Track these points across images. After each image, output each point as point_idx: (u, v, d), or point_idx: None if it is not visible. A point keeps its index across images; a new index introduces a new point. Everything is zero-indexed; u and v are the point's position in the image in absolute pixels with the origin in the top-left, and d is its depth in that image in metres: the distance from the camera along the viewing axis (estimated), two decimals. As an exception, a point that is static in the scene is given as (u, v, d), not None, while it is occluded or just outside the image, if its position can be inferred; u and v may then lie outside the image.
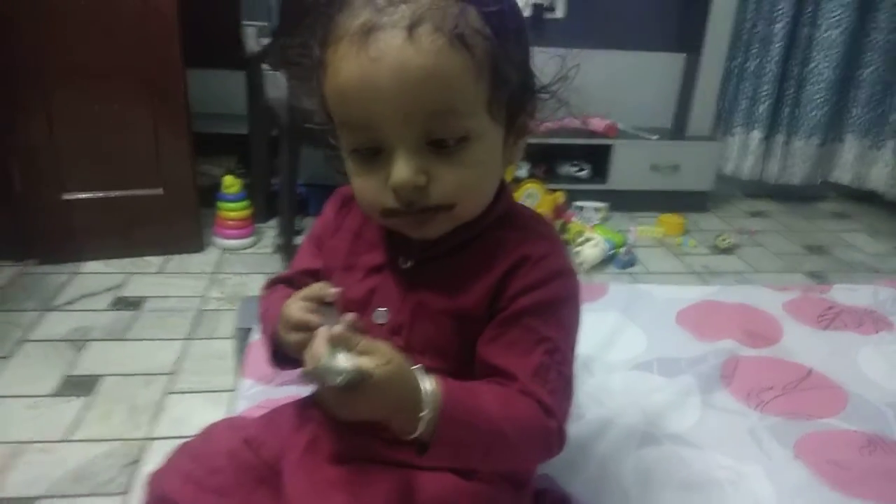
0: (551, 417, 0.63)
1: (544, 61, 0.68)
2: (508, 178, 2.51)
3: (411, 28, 0.56)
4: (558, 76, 0.67)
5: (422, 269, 0.69)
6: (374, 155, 0.61)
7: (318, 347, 0.56)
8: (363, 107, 0.58)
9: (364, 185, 0.63)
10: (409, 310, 0.69)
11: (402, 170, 0.59)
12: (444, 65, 0.57)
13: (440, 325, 0.67)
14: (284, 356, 0.71)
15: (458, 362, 0.68)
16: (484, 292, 0.66)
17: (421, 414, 0.58)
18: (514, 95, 0.63)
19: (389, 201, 0.61)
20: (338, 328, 0.57)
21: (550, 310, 0.66)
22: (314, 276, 0.78)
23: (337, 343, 0.56)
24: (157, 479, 0.77)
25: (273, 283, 0.81)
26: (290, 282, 0.79)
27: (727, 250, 2.64)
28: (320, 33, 0.62)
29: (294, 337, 0.65)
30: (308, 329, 0.62)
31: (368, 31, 0.57)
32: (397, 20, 0.56)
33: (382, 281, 0.70)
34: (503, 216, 0.69)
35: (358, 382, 0.54)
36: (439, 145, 0.60)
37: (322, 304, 0.65)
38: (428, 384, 0.59)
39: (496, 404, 0.62)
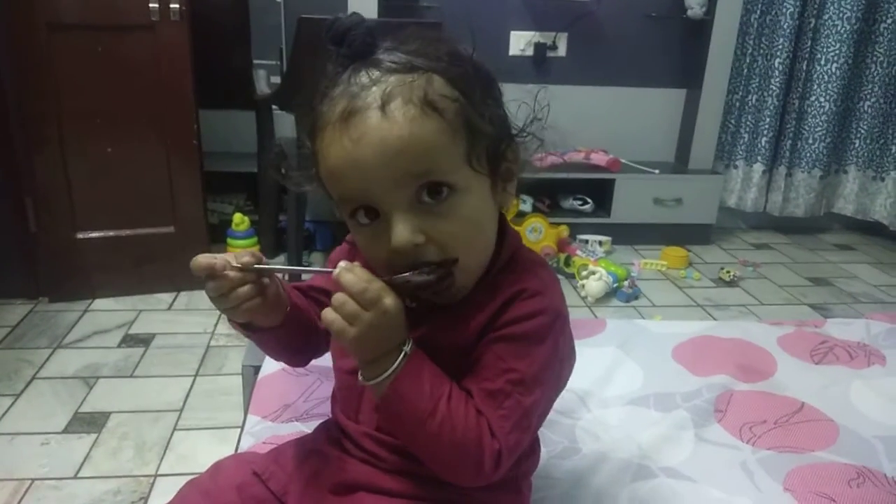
0: (494, 439, 0.66)
1: (518, 103, 0.72)
2: (512, 213, 2.56)
3: (384, 106, 0.61)
4: (530, 118, 0.71)
5: (422, 313, 0.71)
6: (374, 220, 0.65)
7: (362, 273, 0.63)
8: (355, 182, 0.64)
9: (370, 252, 0.68)
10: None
11: (400, 232, 0.63)
12: (419, 131, 0.62)
13: (438, 359, 0.70)
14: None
15: None
16: (478, 327, 0.70)
17: (395, 362, 0.64)
18: (491, 146, 0.68)
19: (396, 262, 0.66)
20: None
21: (525, 344, 0.68)
22: (326, 294, 0.82)
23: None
24: None
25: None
26: (301, 290, 0.83)
27: (731, 283, 2.66)
28: (308, 126, 0.68)
29: (208, 283, 0.68)
30: (214, 273, 0.67)
31: (348, 116, 0.62)
32: (371, 101, 0.62)
33: None
34: (507, 262, 0.73)
35: (447, 274, 0.64)
36: (430, 204, 0.64)
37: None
38: (409, 344, 0.66)
39: (453, 398, 0.66)
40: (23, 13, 1.98)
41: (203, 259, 0.68)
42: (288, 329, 0.76)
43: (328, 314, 0.64)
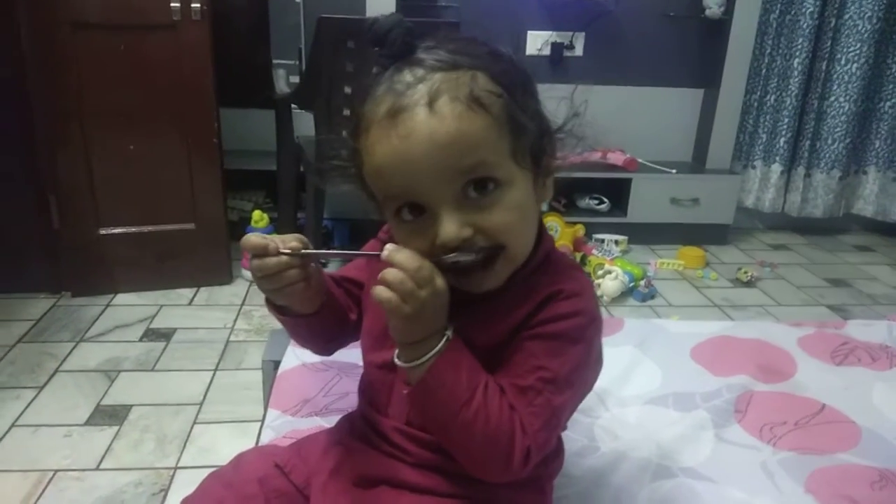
0: (525, 435, 0.66)
1: (558, 100, 0.73)
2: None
3: (431, 103, 0.62)
4: (570, 114, 0.72)
5: (457, 309, 0.70)
6: (419, 216, 0.66)
7: (413, 253, 0.64)
8: (402, 179, 0.64)
9: (412, 247, 0.66)
10: None
11: (448, 227, 0.63)
12: (466, 127, 0.62)
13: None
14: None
15: None
16: (513, 324, 0.70)
17: (437, 346, 0.64)
18: (534, 141, 0.68)
19: (440, 255, 0.65)
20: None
21: (560, 343, 0.68)
22: (358, 286, 0.83)
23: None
24: None
25: None
26: (334, 280, 0.84)
27: (748, 283, 2.65)
28: (351, 127, 0.69)
29: (255, 262, 0.70)
30: (265, 253, 0.68)
31: (395, 113, 0.63)
32: (418, 99, 0.62)
33: None
34: (541, 263, 0.73)
35: (493, 256, 0.65)
36: (477, 198, 0.64)
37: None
38: (451, 329, 0.66)
39: (489, 389, 0.66)
40: (46, 12, 2.01)
41: (255, 238, 0.69)
42: (322, 317, 0.77)
43: (383, 292, 0.63)
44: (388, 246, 0.64)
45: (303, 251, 0.70)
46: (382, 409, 0.78)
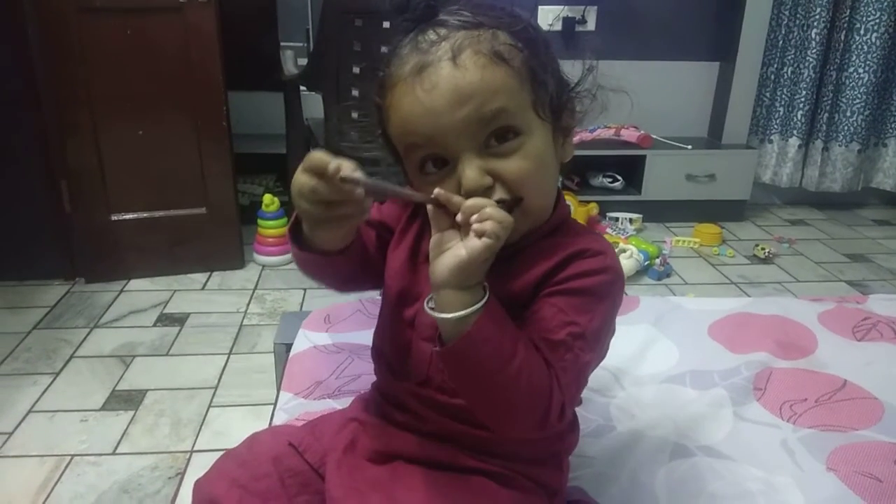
0: (559, 389, 0.65)
1: (572, 62, 0.74)
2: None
3: (455, 57, 0.64)
4: (584, 73, 0.73)
5: None
6: (441, 169, 0.67)
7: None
8: (427, 129, 0.65)
9: None
10: None
11: (470, 174, 0.65)
12: (489, 77, 0.65)
13: None
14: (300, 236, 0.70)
15: None
16: (534, 279, 0.70)
17: (482, 297, 0.63)
18: (553, 96, 0.69)
19: None
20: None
21: (588, 299, 0.68)
22: (390, 232, 0.81)
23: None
24: (203, 484, 0.80)
25: None
26: (367, 221, 0.78)
27: (766, 260, 2.61)
28: (377, 88, 0.71)
29: (312, 183, 0.60)
30: (322, 174, 0.59)
31: (420, 69, 0.65)
32: (442, 54, 0.65)
33: None
34: (559, 226, 0.74)
35: (508, 210, 0.64)
36: (498, 147, 0.66)
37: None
38: (487, 287, 0.64)
39: (528, 343, 0.65)
40: (53, -3, 2.00)
41: (321, 154, 0.59)
42: (347, 257, 0.72)
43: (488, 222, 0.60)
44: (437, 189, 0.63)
45: (364, 181, 0.59)
46: (399, 369, 0.77)
